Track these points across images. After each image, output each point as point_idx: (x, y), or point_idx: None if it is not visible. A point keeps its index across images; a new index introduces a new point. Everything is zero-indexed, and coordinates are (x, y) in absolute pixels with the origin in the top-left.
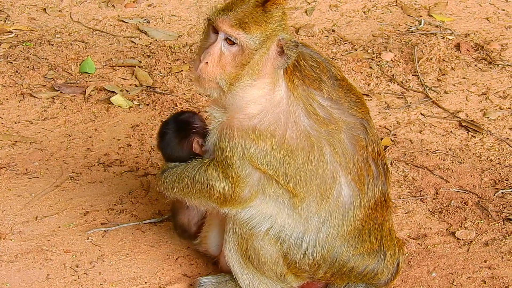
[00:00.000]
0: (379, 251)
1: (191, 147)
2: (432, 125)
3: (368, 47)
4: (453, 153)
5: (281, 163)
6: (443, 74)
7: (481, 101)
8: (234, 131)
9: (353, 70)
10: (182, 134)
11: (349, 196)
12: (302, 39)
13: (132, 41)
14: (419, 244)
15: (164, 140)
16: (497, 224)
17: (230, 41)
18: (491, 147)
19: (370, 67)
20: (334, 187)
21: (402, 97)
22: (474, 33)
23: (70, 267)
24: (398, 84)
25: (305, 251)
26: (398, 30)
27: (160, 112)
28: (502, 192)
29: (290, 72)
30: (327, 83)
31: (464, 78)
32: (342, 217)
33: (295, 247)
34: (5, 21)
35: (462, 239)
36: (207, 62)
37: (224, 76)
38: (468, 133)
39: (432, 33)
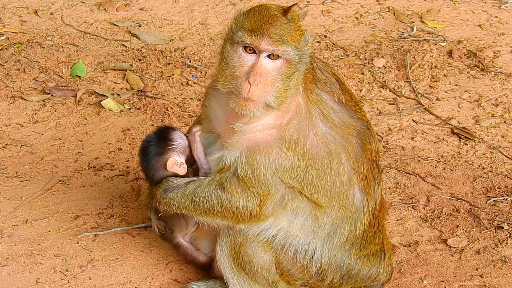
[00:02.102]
0: (380, 252)
1: (165, 165)
2: (424, 132)
3: (360, 53)
4: (445, 160)
5: (305, 173)
6: (436, 81)
7: (473, 108)
8: (267, 147)
9: (345, 76)
10: (160, 149)
11: (360, 201)
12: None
13: (124, 45)
14: (410, 251)
15: (144, 155)
16: (489, 232)
17: (273, 56)
18: (483, 154)
19: (362, 73)
20: (349, 193)
21: (394, 104)
22: (467, 40)
23: (60, 271)
24: (390, 91)
25: (312, 257)
26: (391, 36)
27: (151, 116)
28: (494, 200)
29: (304, 75)
30: (336, 86)
31: (456, 85)
32: (355, 222)
33: (301, 254)
34: None
35: (454, 247)
36: (257, 84)
37: (273, 93)
38: (460, 140)
39: (425, 40)
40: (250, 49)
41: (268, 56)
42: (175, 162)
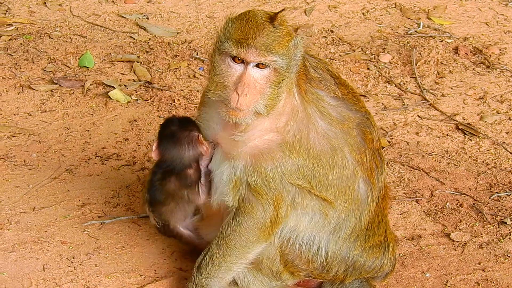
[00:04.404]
0: (384, 243)
1: (198, 142)
2: (429, 127)
3: (366, 48)
4: (449, 156)
5: (312, 172)
6: (441, 77)
7: (478, 105)
8: (270, 152)
9: (351, 71)
10: (187, 128)
11: (364, 192)
12: (305, 38)
13: (131, 37)
14: (413, 244)
15: (169, 134)
16: (492, 227)
17: (262, 65)
18: (487, 150)
19: (368, 68)
20: (355, 186)
21: (399, 99)
22: (473, 37)
23: (67, 258)
24: (395, 86)
25: (317, 250)
26: (397, 32)
27: (158, 108)
28: (498, 196)
29: (297, 76)
30: (331, 82)
31: (462, 81)
32: (360, 214)
33: (306, 248)
34: (5, 13)
35: (457, 241)
36: (246, 94)
37: (262, 101)
38: (464, 136)
39: (431, 36)
40: (238, 59)
41: (257, 65)
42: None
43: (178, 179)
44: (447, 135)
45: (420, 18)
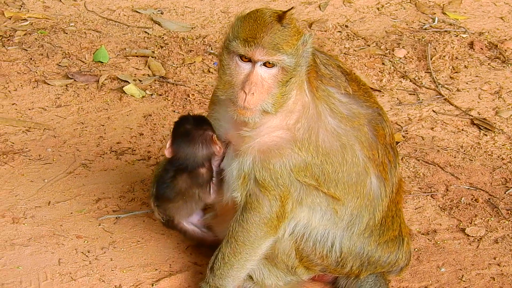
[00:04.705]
0: (398, 238)
1: (211, 141)
2: (444, 122)
3: (381, 43)
4: (464, 151)
5: (320, 170)
6: (456, 72)
7: (493, 100)
8: (279, 149)
9: (365, 66)
10: (201, 126)
11: (377, 188)
12: (315, 34)
13: (146, 32)
14: (428, 239)
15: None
16: (507, 221)
17: (269, 64)
18: (502, 145)
19: (383, 63)
20: (366, 182)
21: (414, 94)
22: (488, 32)
23: (82, 252)
24: (410, 81)
25: (331, 247)
26: (412, 27)
27: (172, 103)
28: None
29: (308, 73)
30: (342, 78)
31: (477, 76)
32: (374, 209)
33: (320, 244)
34: (20, 8)
35: (472, 236)
36: (253, 93)
37: (270, 100)
38: (480, 131)
39: (446, 31)
40: (246, 58)
41: (264, 64)
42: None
43: (190, 178)
44: (462, 130)
45: (435, 13)
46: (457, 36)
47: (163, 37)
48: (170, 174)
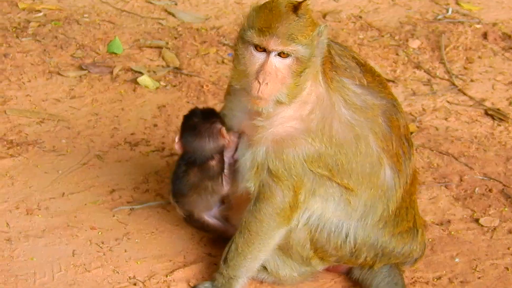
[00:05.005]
0: (413, 229)
1: (219, 134)
2: (458, 112)
3: (395, 34)
4: (478, 141)
5: (334, 160)
6: (470, 63)
7: (507, 90)
8: (292, 139)
9: (379, 56)
10: (209, 120)
11: (391, 179)
12: (329, 25)
13: (160, 23)
14: (442, 230)
15: (191, 126)
16: None
17: (283, 54)
18: None
19: (397, 54)
20: (380, 173)
21: (428, 84)
22: (502, 22)
23: (96, 244)
24: (424, 71)
25: (345, 238)
26: (426, 18)
27: (186, 94)
28: None
29: (323, 64)
30: (356, 69)
31: (490, 67)
32: (387, 200)
33: (335, 235)
34: (34, 0)
35: (486, 226)
36: (267, 83)
37: (284, 90)
38: (493, 121)
39: (460, 22)
40: (260, 48)
41: (279, 54)
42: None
43: (200, 171)
44: (476, 120)
45: (448, 4)
46: (470, 26)
47: (177, 28)
48: (182, 169)
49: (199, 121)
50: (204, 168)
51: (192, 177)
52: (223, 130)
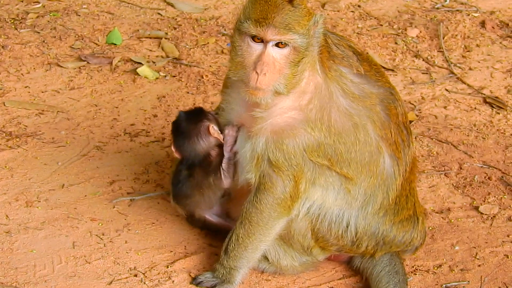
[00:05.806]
0: (413, 217)
1: (207, 132)
2: (457, 101)
3: (394, 23)
4: (477, 129)
5: (333, 149)
6: (468, 51)
7: (505, 78)
8: (292, 129)
9: (378, 45)
10: (194, 120)
11: (390, 167)
12: (328, 14)
13: (159, 13)
14: (442, 218)
15: (179, 131)
16: None
17: (281, 45)
18: None
19: (396, 43)
20: (379, 161)
21: (427, 73)
22: (499, 11)
23: (96, 235)
24: (423, 60)
25: (346, 227)
26: (424, 7)
27: (186, 84)
28: None
29: (320, 53)
30: (353, 58)
31: (489, 55)
32: (387, 189)
33: (336, 224)
34: None
35: (486, 214)
36: (265, 74)
37: (282, 80)
38: (492, 109)
39: (458, 10)
40: (258, 39)
41: (276, 44)
42: (214, 128)
43: (202, 169)
44: (475, 108)
45: None
46: (468, 15)
47: (176, 19)
48: (184, 173)
49: (185, 124)
50: (203, 165)
51: (196, 177)
52: (211, 127)
